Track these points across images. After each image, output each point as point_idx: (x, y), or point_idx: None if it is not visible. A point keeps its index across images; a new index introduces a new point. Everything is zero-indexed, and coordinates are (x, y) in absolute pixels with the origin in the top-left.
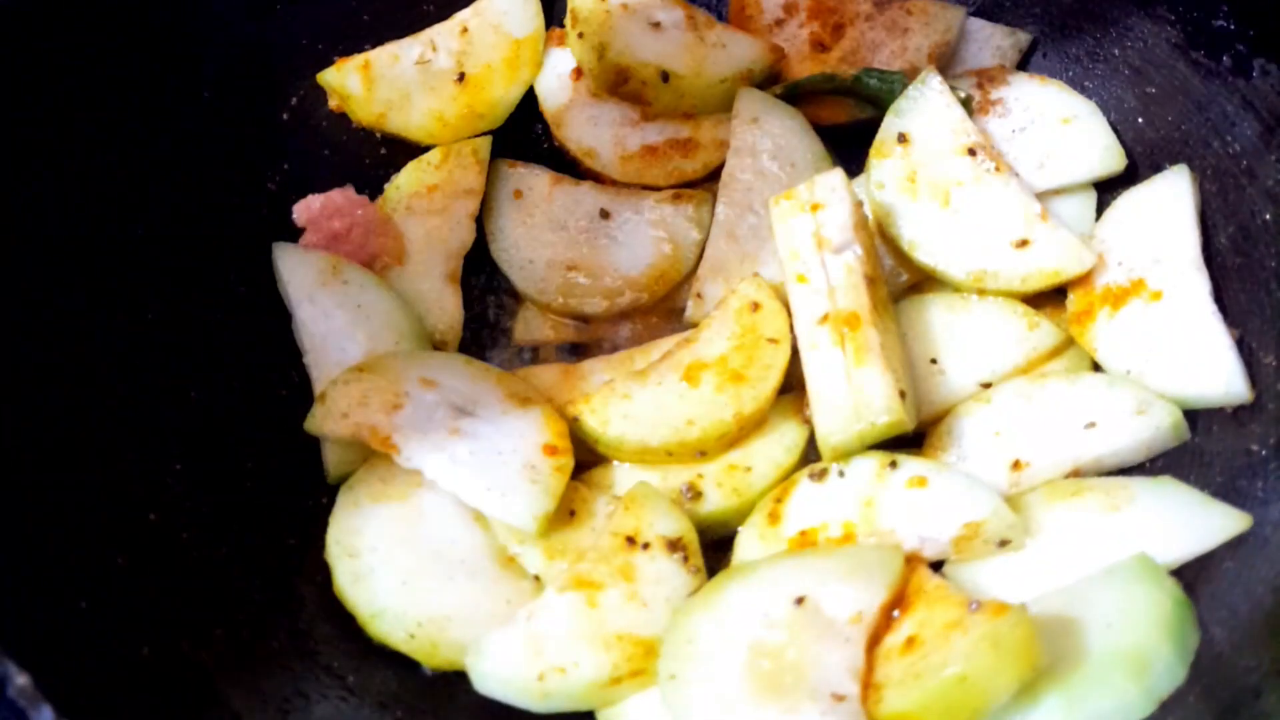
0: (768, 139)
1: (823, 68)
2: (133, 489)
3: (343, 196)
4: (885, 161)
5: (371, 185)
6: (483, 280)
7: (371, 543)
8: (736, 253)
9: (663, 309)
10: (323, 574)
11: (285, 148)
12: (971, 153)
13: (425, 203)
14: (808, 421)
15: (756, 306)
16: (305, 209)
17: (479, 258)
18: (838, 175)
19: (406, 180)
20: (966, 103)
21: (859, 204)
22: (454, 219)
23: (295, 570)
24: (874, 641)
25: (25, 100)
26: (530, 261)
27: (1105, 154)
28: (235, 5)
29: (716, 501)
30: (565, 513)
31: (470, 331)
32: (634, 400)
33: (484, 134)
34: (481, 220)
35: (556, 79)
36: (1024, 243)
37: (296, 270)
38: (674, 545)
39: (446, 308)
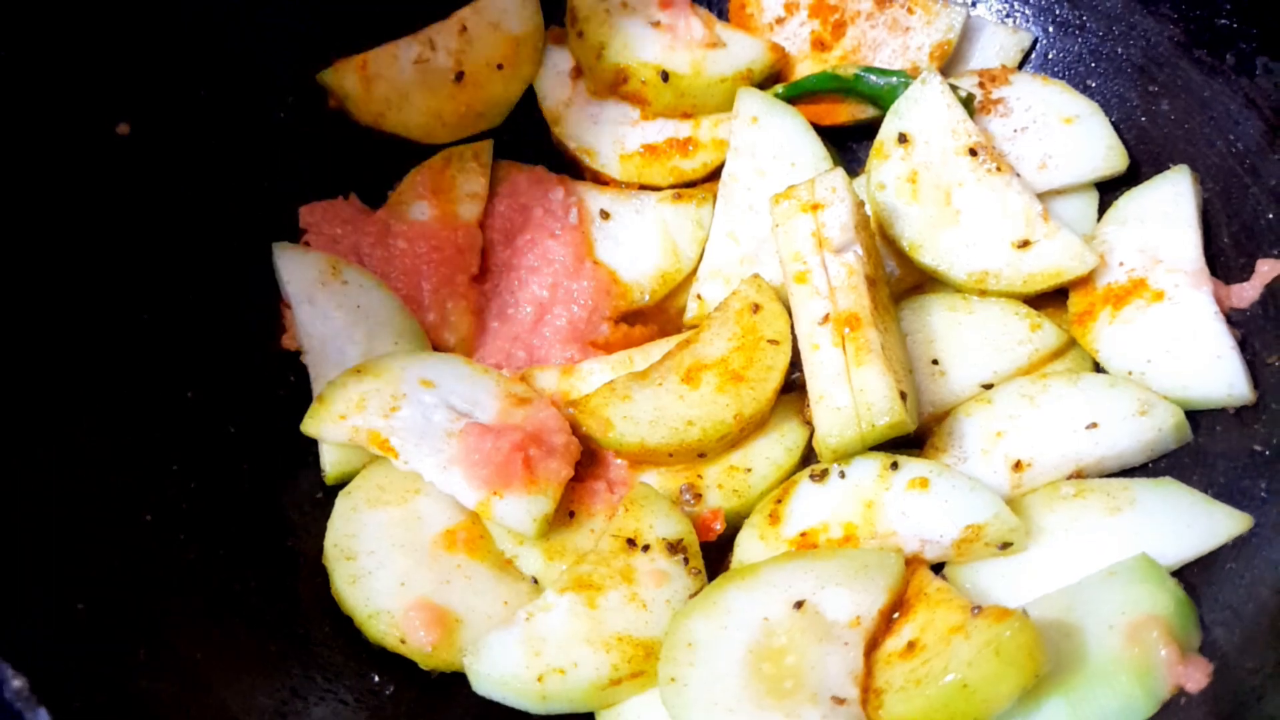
0: (768, 139)
1: (823, 67)
2: (129, 490)
3: (347, 204)
4: (886, 162)
5: (370, 185)
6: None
7: (369, 545)
8: (737, 253)
9: (663, 309)
10: (320, 575)
11: (283, 147)
12: (973, 153)
13: (429, 208)
14: (808, 422)
15: (757, 307)
16: (309, 212)
17: None
18: (838, 175)
19: (409, 186)
20: (968, 102)
21: (860, 204)
22: (459, 225)
23: (293, 572)
24: (873, 645)
25: (18, 96)
26: None
27: (1108, 154)
28: (232, 2)
29: (717, 503)
30: (564, 514)
31: None
32: (634, 401)
33: (483, 133)
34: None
35: (555, 77)
36: (1025, 243)
37: (296, 270)
38: (674, 547)
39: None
